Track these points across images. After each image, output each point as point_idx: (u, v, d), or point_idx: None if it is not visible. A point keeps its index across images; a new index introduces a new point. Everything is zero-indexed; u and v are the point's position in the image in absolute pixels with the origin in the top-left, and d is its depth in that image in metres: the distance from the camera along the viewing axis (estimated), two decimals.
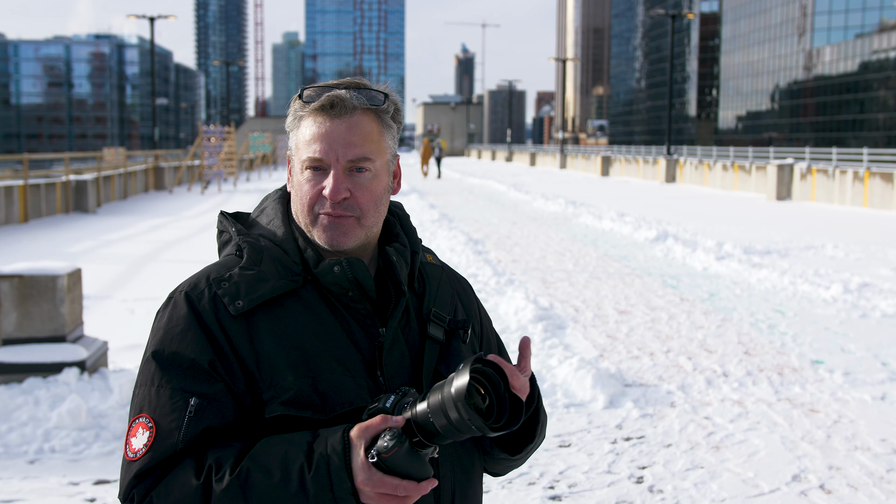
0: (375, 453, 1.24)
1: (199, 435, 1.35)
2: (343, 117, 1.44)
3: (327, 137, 1.43)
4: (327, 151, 1.43)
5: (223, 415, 1.36)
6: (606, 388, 6.19)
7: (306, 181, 1.45)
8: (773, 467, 4.87)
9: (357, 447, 1.26)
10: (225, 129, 34.09)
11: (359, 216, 1.45)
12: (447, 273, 1.65)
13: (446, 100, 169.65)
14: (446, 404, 1.23)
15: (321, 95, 1.45)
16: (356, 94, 1.46)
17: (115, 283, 11.20)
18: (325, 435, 1.30)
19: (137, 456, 1.34)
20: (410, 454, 1.25)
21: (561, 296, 10.25)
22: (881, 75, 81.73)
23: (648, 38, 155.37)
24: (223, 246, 1.55)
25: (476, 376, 1.26)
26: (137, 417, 1.37)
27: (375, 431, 1.26)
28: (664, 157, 40.05)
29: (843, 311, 9.25)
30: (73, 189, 22.35)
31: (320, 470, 1.26)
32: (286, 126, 1.51)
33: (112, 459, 4.94)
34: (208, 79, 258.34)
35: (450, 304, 1.59)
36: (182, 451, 1.34)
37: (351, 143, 1.44)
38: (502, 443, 1.56)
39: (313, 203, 1.45)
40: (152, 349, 1.41)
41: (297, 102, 1.48)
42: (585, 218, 20.17)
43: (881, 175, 23.50)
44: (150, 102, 56.38)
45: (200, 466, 1.31)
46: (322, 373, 1.39)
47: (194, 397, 1.35)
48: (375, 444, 1.25)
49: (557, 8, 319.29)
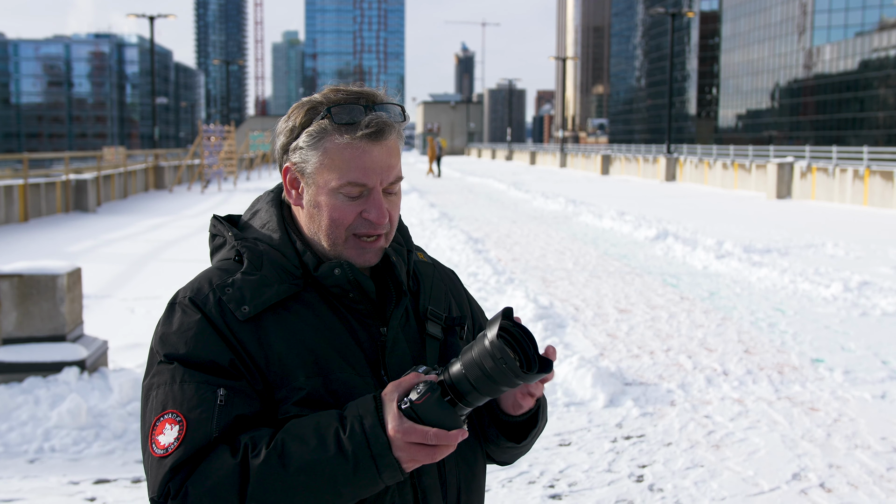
0: (408, 401, 1.27)
1: (231, 422, 1.33)
2: (384, 141, 1.43)
3: (371, 164, 1.41)
4: (371, 177, 1.42)
5: (252, 404, 1.36)
6: (606, 387, 6.19)
7: (342, 204, 1.43)
8: (774, 466, 4.87)
9: (389, 401, 1.29)
10: (225, 128, 34.08)
11: (387, 233, 1.47)
12: (438, 270, 1.66)
13: (446, 98, 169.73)
14: (480, 355, 1.26)
15: (352, 116, 1.41)
16: (388, 115, 1.44)
17: (115, 282, 11.20)
18: (355, 401, 1.33)
19: (169, 451, 1.30)
20: (441, 403, 1.28)
21: (561, 294, 10.25)
22: (881, 73, 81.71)
23: (648, 36, 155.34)
24: (217, 250, 1.53)
25: (503, 334, 1.29)
26: (162, 415, 1.33)
27: (408, 386, 1.30)
28: (664, 156, 40.04)
29: (843, 310, 9.25)
30: (73, 188, 22.35)
31: (355, 429, 1.28)
32: (300, 142, 1.44)
33: (112, 459, 4.94)
34: (208, 78, 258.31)
35: (444, 301, 1.60)
36: (217, 440, 1.32)
37: (391, 166, 1.44)
38: (507, 431, 1.56)
39: (349, 225, 1.44)
40: (167, 353, 1.38)
41: (325, 123, 1.42)
42: (585, 217, 20.17)
43: (881, 173, 23.49)
44: (150, 101, 56.39)
45: (234, 447, 1.30)
46: (332, 372, 1.40)
47: (221, 388, 1.34)
48: (407, 394, 1.29)
49: (557, 6, 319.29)
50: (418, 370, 1.33)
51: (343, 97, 1.44)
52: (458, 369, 1.28)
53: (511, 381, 1.27)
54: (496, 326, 1.26)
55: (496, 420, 1.53)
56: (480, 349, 1.27)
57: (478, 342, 1.28)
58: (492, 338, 1.26)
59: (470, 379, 1.27)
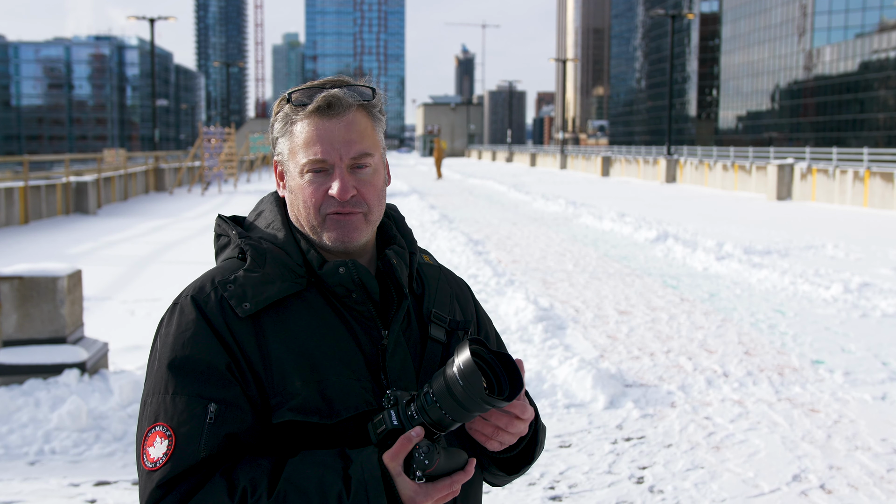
0: (421, 475, 1.28)
1: (221, 441, 1.32)
2: (340, 116, 1.43)
3: (327, 138, 1.42)
4: (329, 152, 1.42)
5: (243, 419, 1.35)
6: (607, 389, 6.19)
7: (308, 184, 1.44)
8: (774, 467, 4.87)
9: (398, 475, 1.29)
10: (225, 130, 34.11)
11: (366, 212, 1.46)
12: (444, 274, 1.65)
13: (446, 100, 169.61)
14: (450, 382, 1.26)
15: (311, 97, 1.44)
16: (348, 91, 1.45)
17: (116, 284, 11.20)
18: (359, 459, 1.31)
19: (157, 466, 1.30)
20: (448, 455, 1.30)
21: (561, 296, 10.25)
22: (881, 75, 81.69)
23: (648, 38, 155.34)
24: (221, 249, 1.54)
25: (475, 358, 1.28)
26: (153, 426, 1.33)
27: (405, 454, 1.29)
28: (664, 158, 40.05)
29: (843, 311, 9.25)
30: (74, 190, 22.36)
31: (359, 496, 1.28)
32: (274, 132, 1.49)
33: (112, 461, 4.94)
34: (208, 80, 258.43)
35: (449, 305, 1.59)
36: (205, 460, 1.31)
37: (351, 140, 1.43)
38: (501, 463, 1.55)
39: (319, 205, 1.44)
40: (164, 356, 1.38)
41: (286, 107, 1.46)
42: (586, 218, 20.17)
43: (881, 175, 23.49)
44: (151, 104, 56.39)
45: (233, 486, 1.29)
46: (328, 377, 1.39)
47: (213, 403, 1.33)
48: (413, 464, 1.28)
49: (557, 8, 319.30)
50: (392, 421, 1.31)
51: (310, 84, 1.47)
52: (432, 400, 1.28)
53: (482, 407, 1.26)
54: (466, 350, 1.26)
55: (488, 452, 1.51)
56: (451, 376, 1.26)
57: (448, 368, 1.28)
58: (465, 361, 1.25)
59: (443, 409, 1.27)
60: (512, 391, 1.30)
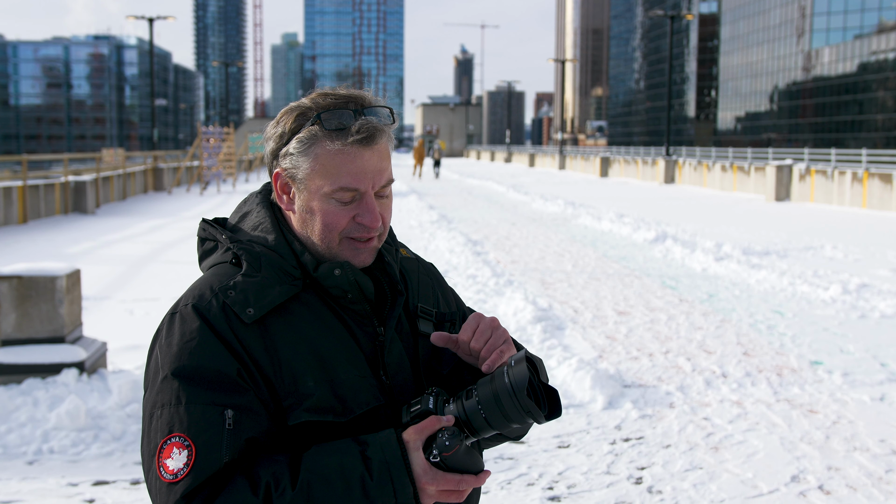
0: (438, 453, 1.29)
1: (242, 447, 1.31)
2: (374, 146, 1.43)
3: (362, 168, 1.42)
4: (363, 181, 1.42)
5: (260, 423, 1.34)
6: (605, 389, 6.19)
7: (335, 209, 1.43)
8: (772, 468, 4.88)
9: (415, 450, 1.30)
10: (224, 129, 34.08)
11: (381, 234, 1.48)
12: (422, 265, 1.66)
13: (445, 101, 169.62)
14: (501, 396, 1.29)
15: (341, 120, 1.40)
16: (377, 118, 1.43)
17: (114, 283, 11.20)
18: (377, 441, 1.32)
19: (179, 477, 1.27)
20: (468, 450, 1.31)
21: (560, 297, 10.25)
22: (880, 76, 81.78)
23: (647, 39, 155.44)
24: (207, 254, 1.52)
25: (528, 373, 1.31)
26: (169, 438, 1.30)
27: (430, 433, 1.30)
28: (663, 158, 40.07)
29: (841, 312, 9.25)
30: (72, 190, 22.35)
31: (382, 477, 1.28)
32: (290, 148, 1.43)
33: (111, 460, 4.94)
34: (207, 80, 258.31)
35: (433, 297, 1.61)
36: (227, 466, 1.30)
37: (382, 169, 1.44)
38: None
39: (342, 229, 1.44)
40: (169, 367, 1.34)
41: (317, 130, 1.41)
42: (584, 219, 20.17)
43: (880, 176, 23.51)
44: (149, 103, 56.37)
45: (255, 483, 1.28)
46: (338, 375, 1.40)
47: (229, 409, 1.32)
48: (433, 445, 1.30)
49: (556, 9, 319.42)
50: (428, 403, 1.34)
51: (332, 102, 1.43)
52: (474, 406, 1.31)
53: (527, 422, 1.30)
54: (523, 367, 1.29)
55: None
56: (502, 389, 1.29)
57: (497, 379, 1.30)
58: (519, 379, 1.28)
59: (487, 418, 1.30)
60: (551, 412, 1.33)
